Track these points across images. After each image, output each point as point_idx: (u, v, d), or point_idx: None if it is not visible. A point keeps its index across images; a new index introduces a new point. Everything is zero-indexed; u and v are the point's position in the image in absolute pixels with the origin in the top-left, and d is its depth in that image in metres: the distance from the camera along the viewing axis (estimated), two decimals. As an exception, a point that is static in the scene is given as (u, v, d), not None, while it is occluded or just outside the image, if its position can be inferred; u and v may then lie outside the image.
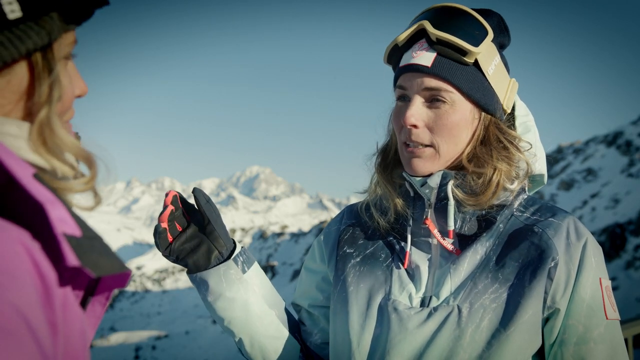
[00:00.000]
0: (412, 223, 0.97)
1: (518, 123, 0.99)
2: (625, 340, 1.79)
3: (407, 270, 0.96)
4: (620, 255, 23.30)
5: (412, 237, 0.97)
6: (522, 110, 1.01)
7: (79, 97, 0.59)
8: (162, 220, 0.97)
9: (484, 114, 0.93)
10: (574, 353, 0.87)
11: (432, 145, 0.91)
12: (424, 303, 0.92)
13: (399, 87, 0.93)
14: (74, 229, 0.46)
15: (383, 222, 1.00)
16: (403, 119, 0.90)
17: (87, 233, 0.48)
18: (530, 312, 0.86)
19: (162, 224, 0.96)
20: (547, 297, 0.87)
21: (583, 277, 0.88)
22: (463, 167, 0.94)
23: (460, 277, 0.91)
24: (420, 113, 0.90)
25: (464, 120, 0.91)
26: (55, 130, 0.51)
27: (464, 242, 0.94)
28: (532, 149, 0.96)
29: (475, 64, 0.90)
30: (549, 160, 1.03)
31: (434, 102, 0.90)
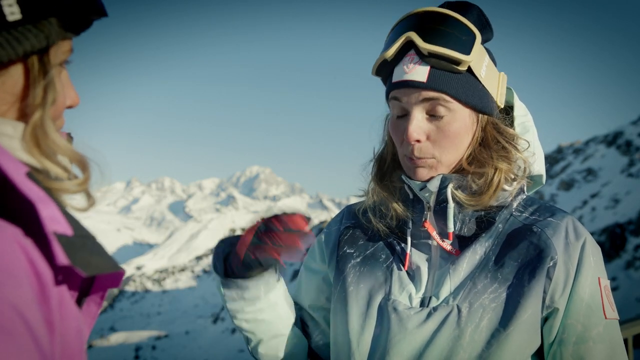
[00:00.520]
0: (411, 225, 0.97)
1: (517, 123, 0.99)
2: (625, 340, 1.79)
3: (407, 272, 0.96)
4: (620, 255, 23.29)
5: (412, 239, 0.98)
6: (521, 111, 1.01)
7: (70, 107, 0.59)
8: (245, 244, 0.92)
9: (481, 116, 0.93)
10: (573, 352, 0.87)
11: (434, 157, 0.91)
12: (424, 303, 0.92)
13: (395, 99, 0.92)
14: (66, 228, 0.46)
15: (382, 226, 1.01)
16: (406, 136, 0.90)
17: (79, 232, 0.48)
18: (530, 311, 0.86)
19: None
20: (545, 296, 0.87)
21: (582, 276, 0.88)
22: (463, 169, 0.94)
23: (460, 277, 0.91)
24: (422, 127, 0.90)
25: (464, 127, 0.91)
26: (49, 133, 0.51)
27: (463, 242, 0.94)
28: (530, 148, 0.96)
29: (468, 70, 0.90)
30: (549, 160, 1.06)
31: (435, 114, 0.89)
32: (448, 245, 0.93)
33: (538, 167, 0.99)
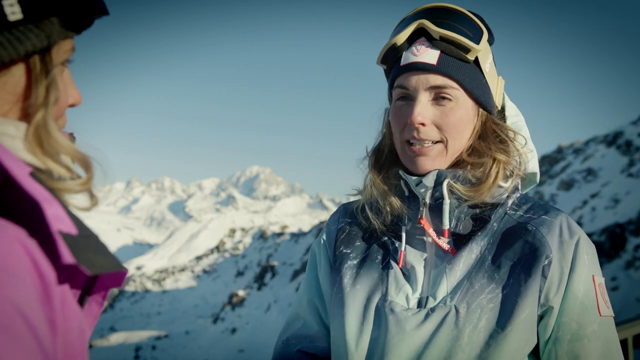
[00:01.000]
0: (407, 222, 0.97)
1: (509, 123, 1.00)
2: (625, 340, 1.79)
3: (402, 271, 0.96)
4: (620, 255, 23.30)
5: (407, 236, 0.97)
6: (512, 111, 1.03)
7: (72, 106, 0.59)
8: None
9: (481, 111, 0.95)
10: (568, 350, 0.88)
11: (441, 141, 0.92)
12: (421, 304, 0.91)
13: (400, 86, 0.93)
14: (70, 227, 0.46)
15: (379, 223, 1.00)
16: (410, 118, 0.90)
17: (83, 231, 0.48)
18: (527, 311, 0.86)
19: None
20: (540, 295, 0.88)
21: (576, 274, 0.88)
22: (462, 161, 0.95)
23: (457, 277, 0.91)
24: (427, 111, 0.91)
25: (467, 117, 0.92)
26: (52, 133, 0.51)
27: (459, 241, 0.94)
28: (528, 144, 0.98)
29: (475, 62, 0.92)
30: (549, 160, 1.06)
31: (440, 99, 0.90)
32: (445, 244, 0.93)
33: (532, 165, 1.00)
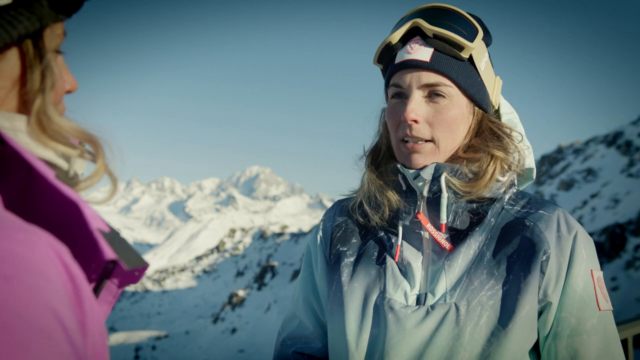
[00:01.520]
0: (404, 217, 0.96)
1: (504, 120, 1.01)
2: (625, 340, 1.78)
3: (399, 267, 0.95)
4: (620, 255, 23.28)
5: (404, 231, 0.97)
6: (506, 109, 1.03)
7: (69, 92, 0.59)
8: None
9: (477, 109, 0.95)
10: (567, 345, 0.87)
11: (432, 140, 0.92)
12: (420, 301, 0.91)
13: (394, 85, 0.93)
14: (104, 225, 0.47)
15: (377, 218, 1.00)
16: (403, 115, 0.90)
17: (112, 229, 0.49)
18: (528, 307, 0.86)
19: None
20: (539, 291, 0.87)
21: (574, 269, 0.88)
22: (459, 157, 0.95)
23: (455, 273, 0.90)
24: (420, 108, 0.91)
25: (461, 115, 0.92)
26: (53, 118, 0.51)
27: (457, 237, 0.93)
28: (525, 140, 0.98)
29: (470, 60, 0.92)
30: (549, 160, 1.05)
31: (433, 97, 0.91)
32: (443, 239, 0.92)
33: (529, 161, 1.00)
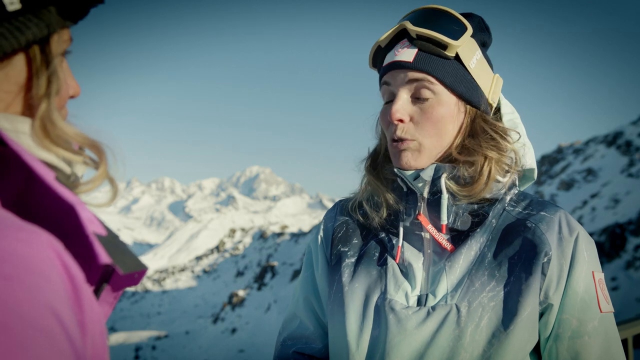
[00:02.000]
0: (404, 218, 0.96)
1: (505, 120, 1.00)
2: (625, 340, 1.78)
3: (400, 268, 0.95)
4: (620, 255, 23.29)
5: (404, 232, 0.97)
6: (507, 109, 1.03)
7: (72, 97, 0.60)
8: None
9: (469, 107, 0.94)
10: (569, 347, 0.87)
11: (417, 140, 0.92)
12: (421, 302, 0.90)
13: (385, 84, 0.95)
14: (101, 229, 0.47)
15: (378, 218, 1.00)
16: (389, 115, 0.92)
17: (109, 232, 0.49)
18: (529, 309, 0.86)
19: None
20: (540, 292, 0.87)
21: (576, 271, 0.88)
22: (454, 159, 0.94)
23: (456, 274, 0.90)
24: (406, 108, 0.92)
25: (450, 114, 0.92)
26: (57, 123, 0.51)
27: (457, 237, 0.93)
28: (521, 139, 0.97)
29: (457, 58, 0.91)
30: (549, 160, 1.05)
31: (419, 96, 0.91)
32: (444, 240, 0.92)
33: (530, 161, 0.99)
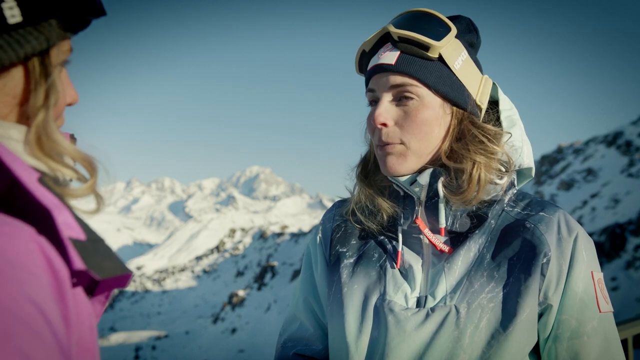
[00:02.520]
0: (402, 222, 0.96)
1: (503, 117, 0.98)
2: (625, 340, 1.78)
3: (400, 270, 0.95)
4: (620, 255, 23.28)
5: (403, 236, 0.97)
6: (506, 105, 1.00)
7: (70, 105, 0.60)
8: None
9: (456, 109, 0.92)
10: (568, 348, 0.87)
11: (402, 143, 0.91)
12: (420, 303, 0.90)
13: (369, 90, 0.94)
14: (79, 233, 0.47)
15: (373, 224, 1.00)
16: (372, 119, 0.91)
17: (90, 236, 0.49)
18: (528, 310, 0.86)
19: None
20: (539, 293, 0.87)
21: (575, 271, 0.88)
22: (443, 164, 0.93)
23: (455, 276, 0.90)
24: (389, 111, 0.90)
25: (435, 116, 0.90)
26: (52, 135, 0.51)
27: (456, 239, 0.93)
28: (511, 139, 0.95)
29: (441, 60, 0.90)
30: (549, 160, 1.04)
31: (402, 99, 0.90)
32: (440, 243, 0.92)
33: (527, 160, 0.98)
